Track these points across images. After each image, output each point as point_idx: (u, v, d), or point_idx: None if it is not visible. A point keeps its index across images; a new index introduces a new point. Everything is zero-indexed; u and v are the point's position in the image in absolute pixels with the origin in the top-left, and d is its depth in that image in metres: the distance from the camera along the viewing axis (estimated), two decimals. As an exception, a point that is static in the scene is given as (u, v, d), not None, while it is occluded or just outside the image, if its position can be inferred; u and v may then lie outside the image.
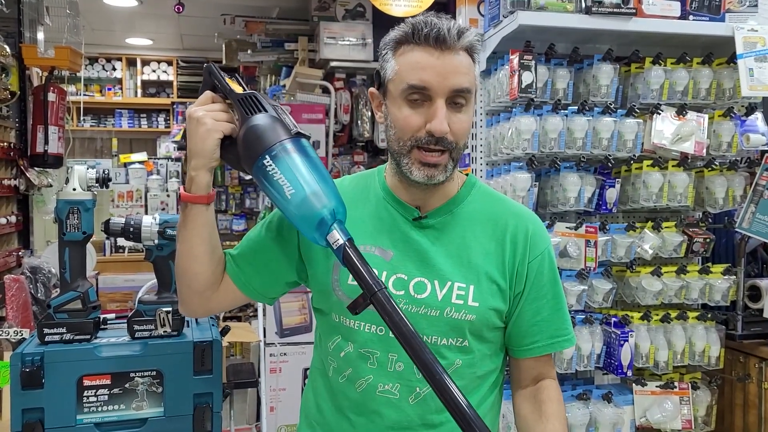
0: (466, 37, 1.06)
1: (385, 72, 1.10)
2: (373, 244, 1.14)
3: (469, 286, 1.11)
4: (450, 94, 1.05)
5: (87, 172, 1.63)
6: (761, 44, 2.25)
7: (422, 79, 1.04)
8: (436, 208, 1.15)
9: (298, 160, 0.99)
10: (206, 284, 1.16)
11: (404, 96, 1.06)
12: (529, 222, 1.17)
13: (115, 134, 6.89)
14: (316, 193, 0.97)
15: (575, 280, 2.20)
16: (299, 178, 0.97)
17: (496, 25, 2.25)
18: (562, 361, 2.18)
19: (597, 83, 2.26)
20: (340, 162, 3.95)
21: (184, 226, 1.11)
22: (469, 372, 1.13)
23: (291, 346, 2.78)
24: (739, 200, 2.34)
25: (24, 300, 2.54)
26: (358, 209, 1.18)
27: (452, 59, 1.05)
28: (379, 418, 1.11)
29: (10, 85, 2.88)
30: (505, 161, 2.27)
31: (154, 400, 1.57)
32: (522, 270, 1.14)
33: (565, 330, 1.19)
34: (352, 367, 1.13)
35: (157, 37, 6.28)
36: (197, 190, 1.07)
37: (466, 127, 1.09)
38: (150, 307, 1.63)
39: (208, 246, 1.12)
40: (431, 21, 1.05)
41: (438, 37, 1.04)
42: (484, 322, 1.12)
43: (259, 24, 4.18)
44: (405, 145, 1.07)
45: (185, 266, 1.14)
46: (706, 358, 2.32)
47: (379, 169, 1.23)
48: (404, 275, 1.12)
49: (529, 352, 1.18)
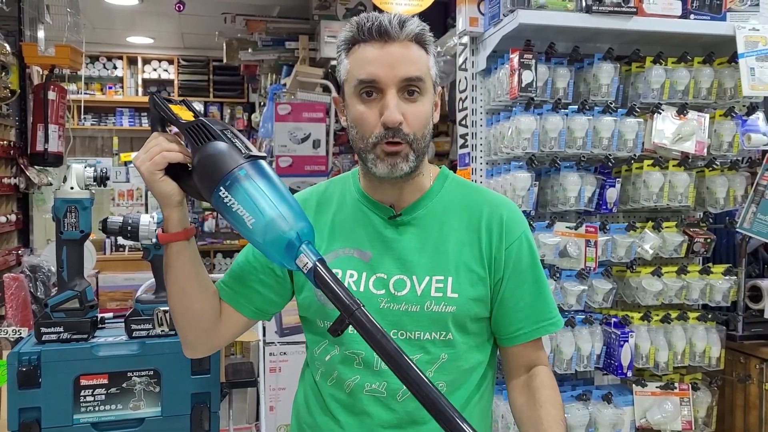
0: (409, 26, 1.06)
1: (340, 74, 1.11)
2: (351, 247, 1.15)
3: (447, 278, 1.11)
4: (400, 84, 1.05)
5: (85, 170, 1.62)
6: (762, 43, 2.24)
7: (369, 72, 1.05)
8: (410, 204, 1.15)
9: (255, 186, 0.94)
10: (208, 320, 1.15)
11: (357, 93, 1.07)
12: (504, 208, 1.17)
13: (116, 133, 6.90)
14: (278, 217, 0.93)
15: (575, 280, 2.19)
16: (257, 205, 0.93)
17: (496, 23, 2.24)
18: (562, 362, 2.17)
19: (597, 82, 2.25)
20: (340, 161, 3.95)
21: (170, 267, 1.09)
22: (454, 366, 1.12)
23: (291, 345, 2.77)
24: (740, 200, 2.33)
25: (23, 299, 2.54)
26: (336, 214, 1.19)
27: (398, 49, 1.05)
28: (368, 417, 1.11)
29: (10, 84, 2.88)
30: (505, 160, 2.27)
31: (152, 399, 1.57)
32: (499, 257, 1.14)
33: (550, 313, 1.18)
34: (339, 369, 1.13)
35: (158, 36, 6.28)
36: (171, 228, 1.06)
37: (422, 117, 1.08)
38: (148, 307, 1.62)
39: (198, 282, 1.11)
40: (373, 15, 1.06)
41: (380, 30, 1.04)
42: (465, 313, 1.11)
43: (259, 22, 4.18)
44: (368, 144, 1.07)
45: (182, 309, 1.12)
46: (706, 358, 2.31)
47: (353, 172, 1.24)
48: (384, 274, 1.12)
49: (515, 339, 1.17)
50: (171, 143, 1.03)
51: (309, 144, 3.42)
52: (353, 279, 1.13)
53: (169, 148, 1.02)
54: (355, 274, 1.13)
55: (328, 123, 3.51)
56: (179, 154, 1.02)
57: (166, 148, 1.01)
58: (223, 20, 4.39)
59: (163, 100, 1.05)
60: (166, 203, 1.04)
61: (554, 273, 2.15)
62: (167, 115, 1.03)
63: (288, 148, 3.38)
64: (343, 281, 1.12)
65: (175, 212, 1.05)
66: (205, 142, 0.98)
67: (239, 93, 7.03)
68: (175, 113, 1.03)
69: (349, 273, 1.13)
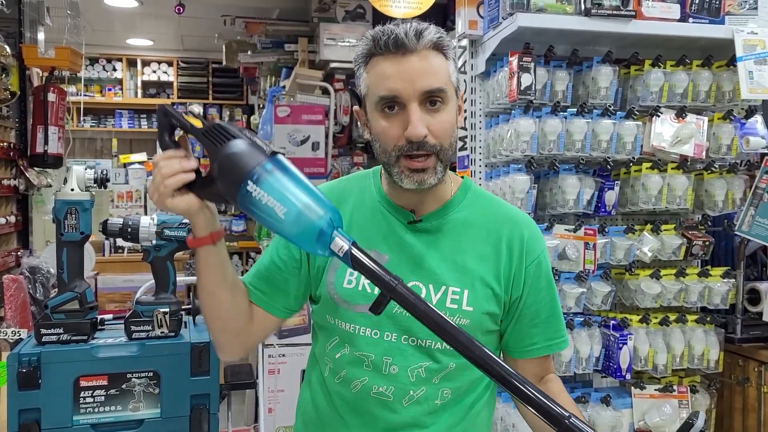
0: (426, 36, 1.04)
1: (361, 89, 1.11)
2: (368, 247, 1.14)
3: (463, 290, 1.11)
4: (422, 97, 1.04)
5: (85, 172, 1.63)
6: (761, 47, 2.25)
7: (389, 88, 1.03)
8: (431, 212, 1.15)
9: (283, 177, 0.94)
10: (240, 322, 1.15)
11: (379, 108, 1.06)
12: (525, 227, 1.18)
13: (115, 134, 6.90)
14: (309, 206, 0.93)
15: (574, 282, 2.20)
16: (288, 195, 0.93)
17: (495, 26, 2.25)
18: (561, 364, 2.17)
19: (596, 85, 2.26)
20: (339, 163, 3.94)
21: (200, 273, 1.09)
22: (463, 375, 1.13)
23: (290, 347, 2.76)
24: (739, 203, 2.34)
25: (22, 300, 2.54)
26: (354, 211, 1.18)
27: (416, 61, 1.03)
28: (372, 419, 1.12)
29: (10, 85, 2.88)
30: (504, 163, 2.27)
31: (151, 401, 1.57)
32: (519, 276, 1.15)
33: (561, 332, 1.21)
34: (348, 368, 1.14)
35: (157, 38, 6.28)
36: (198, 233, 1.06)
37: (447, 126, 1.07)
38: (147, 308, 1.62)
39: (228, 286, 1.11)
40: (388, 29, 1.05)
41: (397, 42, 1.03)
42: (478, 326, 1.12)
43: (259, 25, 4.19)
44: (391, 157, 1.07)
45: (215, 313, 1.12)
46: (705, 361, 2.31)
47: (374, 170, 1.23)
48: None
49: (528, 353, 1.19)
50: (172, 161, 0.99)
51: (308, 146, 3.42)
52: (368, 281, 1.12)
53: (172, 172, 0.98)
54: None
55: (327, 125, 3.52)
56: (188, 173, 0.99)
57: (168, 174, 0.98)
58: (222, 22, 4.39)
59: (175, 110, 1.04)
60: (188, 214, 1.03)
61: (553, 275, 2.15)
62: (181, 123, 1.02)
63: (287, 151, 3.38)
64: (359, 282, 1.13)
65: (200, 218, 1.03)
66: (225, 143, 0.98)
67: (238, 95, 7.03)
68: (188, 120, 1.03)
69: None
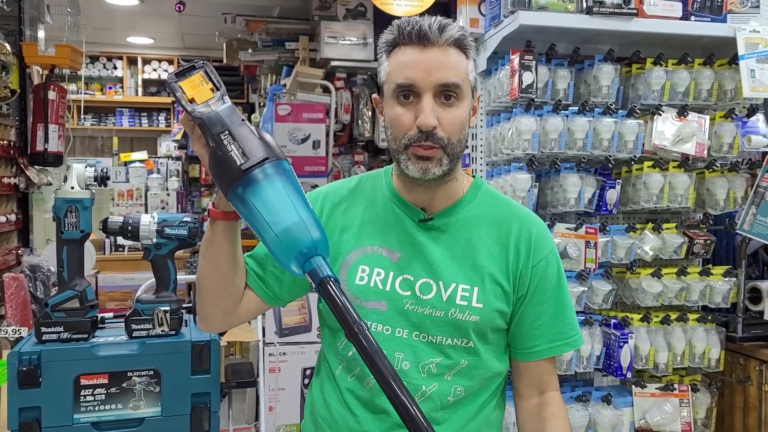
0: (448, 31, 1.06)
1: (380, 75, 1.13)
2: (380, 245, 1.16)
3: (473, 287, 1.12)
4: (437, 89, 1.05)
5: (85, 170, 1.62)
6: (763, 45, 2.24)
7: (407, 76, 1.05)
8: (442, 210, 1.16)
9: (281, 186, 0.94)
10: (232, 300, 1.16)
11: (395, 95, 1.08)
12: (533, 226, 1.18)
13: (116, 133, 6.90)
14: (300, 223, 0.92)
15: (575, 281, 2.19)
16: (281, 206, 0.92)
17: (496, 25, 2.24)
18: (562, 363, 2.17)
19: (598, 84, 2.25)
20: (340, 162, 3.94)
21: (211, 244, 1.10)
22: (475, 373, 1.14)
23: (290, 345, 2.76)
24: (740, 202, 2.33)
25: (23, 298, 2.54)
26: (366, 210, 1.19)
27: (436, 54, 1.05)
28: (385, 415, 1.12)
29: (10, 83, 2.87)
30: (506, 161, 2.27)
31: (152, 399, 1.56)
32: (525, 274, 1.15)
33: (567, 333, 1.19)
34: (360, 365, 1.14)
35: (158, 36, 6.28)
36: (222, 206, 1.06)
37: (458, 122, 1.08)
38: (148, 307, 1.62)
39: (234, 263, 1.12)
40: (414, 19, 1.07)
41: (420, 34, 1.05)
42: (487, 324, 1.13)
43: (260, 23, 4.18)
44: (400, 145, 1.08)
45: (210, 284, 1.13)
46: (706, 360, 2.31)
47: (386, 169, 1.24)
48: (411, 276, 1.13)
49: (530, 355, 1.18)
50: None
51: (309, 145, 3.41)
52: (380, 277, 1.14)
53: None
54: (382, 272, 1.14)
55: (327, 124, 3.51)
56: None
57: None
58: (223, 21, 4.38)
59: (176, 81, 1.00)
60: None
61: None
62: (179, 104, 1.00)
63: (288, 149, 3.37)
64: (370, 279, 1.13)
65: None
66: (218, 143, 0.96)
67: (239, 93, 7.02)
68: (188, 98, 0.99)
69: (376, 271, 1.14)
